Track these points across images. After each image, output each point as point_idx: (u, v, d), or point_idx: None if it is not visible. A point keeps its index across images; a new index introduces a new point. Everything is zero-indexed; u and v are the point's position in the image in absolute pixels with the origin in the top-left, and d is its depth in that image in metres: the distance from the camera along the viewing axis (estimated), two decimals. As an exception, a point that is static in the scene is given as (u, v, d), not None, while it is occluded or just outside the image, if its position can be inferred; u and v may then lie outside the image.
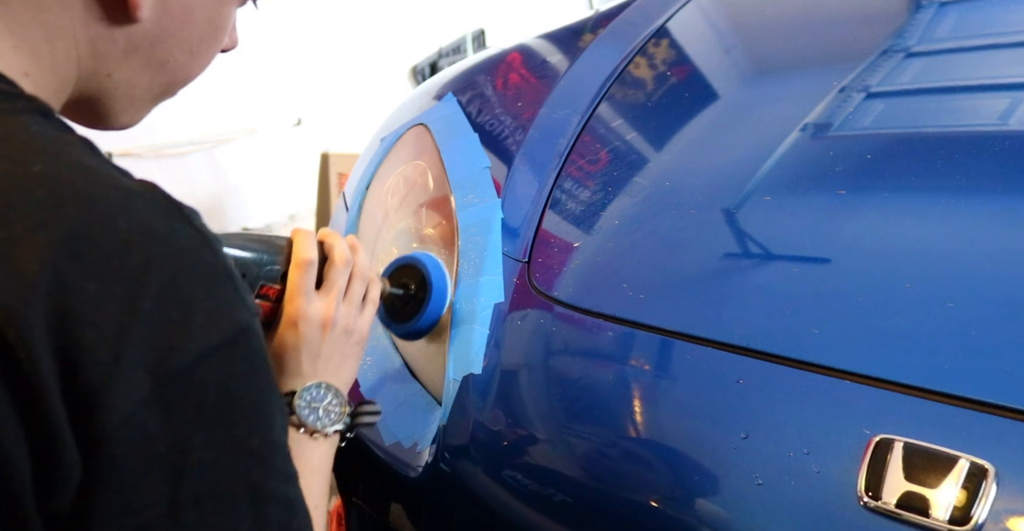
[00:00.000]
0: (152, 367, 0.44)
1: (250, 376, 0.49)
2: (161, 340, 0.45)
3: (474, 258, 0.93)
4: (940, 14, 1.10)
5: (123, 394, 0.43)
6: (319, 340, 0.75)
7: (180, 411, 0.45)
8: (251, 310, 0.49)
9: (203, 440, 0.46)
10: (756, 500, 0.63)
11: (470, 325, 0.88)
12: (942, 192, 0.79)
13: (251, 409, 0.49)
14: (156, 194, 0.50)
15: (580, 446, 0.77)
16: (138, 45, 0.56)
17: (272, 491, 0.49)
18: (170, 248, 0.47)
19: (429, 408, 0.89)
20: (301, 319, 0.74)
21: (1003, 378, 0.61)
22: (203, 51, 0.61)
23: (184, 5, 0.57)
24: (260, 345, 0.50)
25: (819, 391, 0.65)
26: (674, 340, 0.75)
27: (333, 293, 0.76)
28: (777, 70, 1.15)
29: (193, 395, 0.46)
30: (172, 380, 0.45)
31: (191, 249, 0.48)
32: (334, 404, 0.74)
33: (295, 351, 0.74)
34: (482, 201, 0.98)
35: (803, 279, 0.76)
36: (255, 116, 3.61)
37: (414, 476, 0.87)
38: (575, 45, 1.23)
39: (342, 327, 0.77)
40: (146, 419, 0.44)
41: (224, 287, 0.49)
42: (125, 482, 0.44)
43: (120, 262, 0.45)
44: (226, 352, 0.47)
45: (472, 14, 4.20)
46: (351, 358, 0.78)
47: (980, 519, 0.54)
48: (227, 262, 0.50)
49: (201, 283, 0.47)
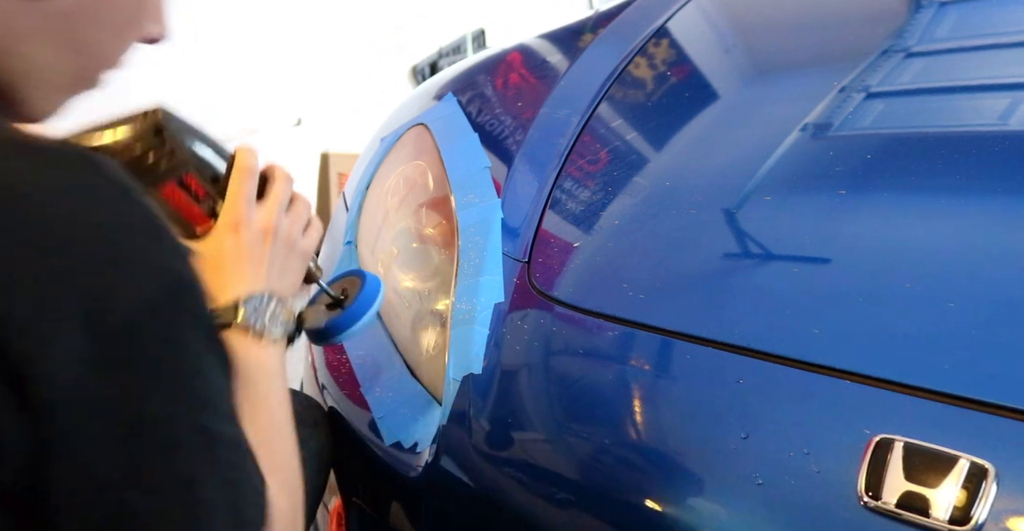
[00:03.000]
0: (87, 326, 0.43)
1: (189, 323, 0.48)
2: (91, 297, 0.43)
3: (474, 258, 0.93)
4: (940, 14, 1.10)
5: (60, 357, 0.42)
6: (260, 246, 0.73)
7: (126, 367, 0.44)
8: (183, 256, 0.48)
9: (152, 393, 0.45)
10: (756, 500, 0.63)
11: (470, 325, 0.88)
12: (942, 192, 0.79)
13: (193, 355, 0.48)
14: (66, 148, 0.48)
15: (580, 446, 0.77)
16: (53, 26, 0.53)
17: (220, 433, 0.49)
18: (82, 202, 0.45)
19: (429, 408, 0.89)
20: (242, 224, 0.72)
21: (1003, 378, 0.61)
22: (128, 31, 0.58)
23: None
24: (197, 291, 0.49)
25: (819, 391, 0.65)
26: (674, 340, 0.75)
27: (274, 204, 0.75)
28: (777, 70, 1.15)
29: (136, 349, 0.45)
30: (111, 336, 0.44)
31: (108, 201, 0.47)
32: (278, 311, 0.72)
33: (236, 256, 0.72)
34: (482, 201, 0.98)
35: (803, 279, 0.76)
36: (255, 116, 3.61)
37: (414, 476, 0.87)
38: (575, 45, 1.23)
39: (283, 237, 0.75)
40: (90, 379, 0.43)
41: (150, 237, 0.47)
42: (79, 445, 0.44)
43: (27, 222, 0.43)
44: (161, 302, 0.46)
45: (472, 14, 4.20)
46: (293, 271, 0.77)
47: (980, 519, 0.54)
48: (150, 210, 0.48)
49: (126, 235, 0.46)
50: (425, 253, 1.00)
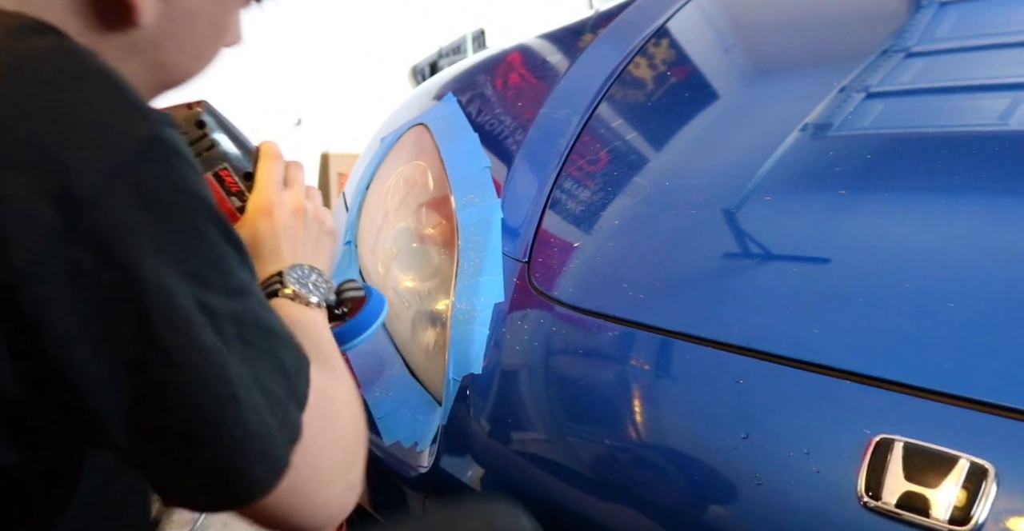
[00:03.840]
0: (52, 196, 0.41)
1: (173, 192, 0.46)
2: (48, 164, 0.41)
3: (474, 258, 0.93)
4: (940, 14, 1.10)
5: (30, 229, 0.41)
6: (294, 225, 0.76)
7: (109, 237, 0.43)
8: (153, 120, 0.46)
9: (145, 262, 0.44)
10: (756, 500, 0.63)
11: (470, 325, 0.88)
12: (942, 192, 0.79)
13: (181, 224, 0.46)
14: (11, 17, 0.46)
15: (580, 446, 0.77)
16: (137, 47, 0.55)
17: (218, 308, 0.47)
18: (24, 59, 0.43)
19: (429, 408, 0.89)
20: (275, 207, 0.75)
21: (1003, 378, 0.61)
22: (205, 52, 0.60)
23: (187, 9, 0.56)
24: (178, 158, 0.47)
25: (819, 391, 0.65)
26: (674, 340, 0.75)
27: (298, 186, 0.78)
28: (777, 70, 1.15)
29: (115, 218, 0.43)
30: (83, 206, 0.42)
31: (53, 57, 0.44)
32: (320, 281, 0.74)
33: (273, 236, 0.74)
34: (482, 201, 0.98)
35: (803, 279, 0.75)
36: (255, 116, 3.61)
37: (414, 476, 0.87)
38: (575, 45, 1.23)
39: (313, 215, 0.78)
40: (75, 254, 0.42)
41: (109, 97, 0.45)
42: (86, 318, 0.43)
43: None
44: (133, 167, 0.44)
45: (472, 14, 4.20)
46: (324, 246, 0.79)
47: (980, 519, 0.54)
48: (106, 67, 0.46)
49: (75, 95, 0.44)
50: (425, 253, 1.00)
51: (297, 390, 0.52)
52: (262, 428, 0.48)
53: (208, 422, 0.46)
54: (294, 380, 0.52)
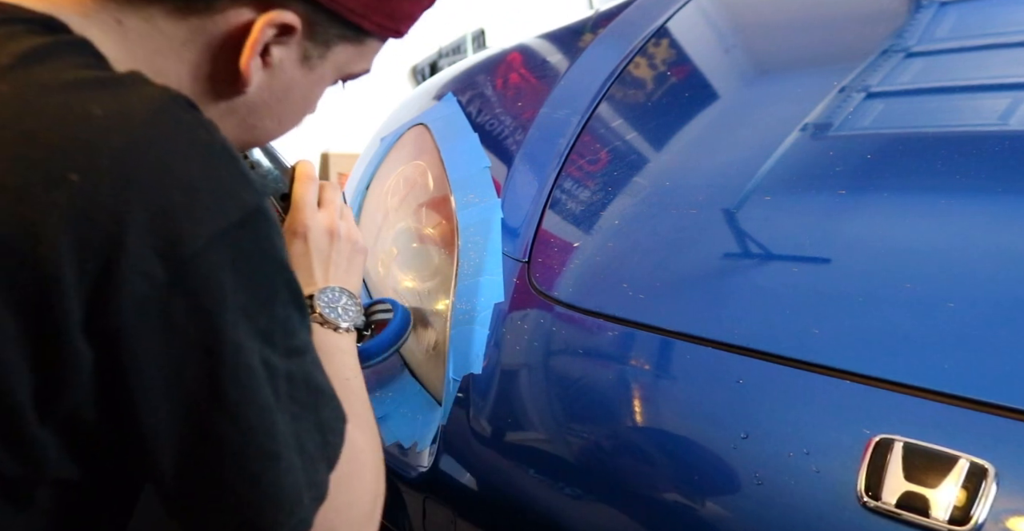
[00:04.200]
0: (163, 252, 0.44)
1: (261, 258, 0.49)
2: (166, 224, 0.45)
3: (474, 258, 0.93)
4: (940, 14, 1.10)
5: (135, 281, 0.44)
6: (328, 247, 0.79)
7: (204, 293, 0.46)
8: (257, 191, 0.50)
9: (228, 319, 0.47)
10: (756, 500, 0.63)
11: (470, 325, 0.88)
12: (942, 192, 0.79)
13: (263, 287, 0.49)
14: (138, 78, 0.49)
15: (580, 446, 0.77)
16: (236, 110, 0.60)
17: (277, 367, 0.50)
18: (157, 129, 0.46)
19: (429, 408, 0.89)
20: (310, 229, 0.78)
21: (1003, 378, 0.61)
22: (289, 120, 0.65)
23: (286, 83, 0.60)
24: (270, 226, 0.50)
25: (819, 391, 0.65)
26: (674, 340, 0.75)
27: (332, 207, 0.81)
28: (777, 70, 1.15)
29: (213, 277, 0.46)
30: (188, 263, 0.45)
31: (183, 129, 0.48)
32: (350, 304, 0.77)
33: (306, 258, 0.77)
34: (482, 201, 0.98)
35: (803, 279, 0.75)
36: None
37: (414, 476, 0.87)
38: (575, 45, 1.23)
39: (345, 236, 0.81)
40: (171, 305, 0.45)
41: (226, 168, 0.49)
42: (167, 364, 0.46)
43: (100, 148, 0.44)
44: (235, 233, 0.47)
45: (472, 14, 4.20)
46: (356, 265, 0.82)
47: (980, 519, 0.54)
48: (227, 142, 0.50)
49: (199, 164, 0.47)
50: (425, 253, 1.00)
51: (329, 450, 0.55)
52: (294, 487, 0.51)
53: (249, 475, 0.49)
54: (329, 439, 0.55)
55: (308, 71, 0.61)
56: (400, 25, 0.63)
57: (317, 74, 0.62)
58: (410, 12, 0.63)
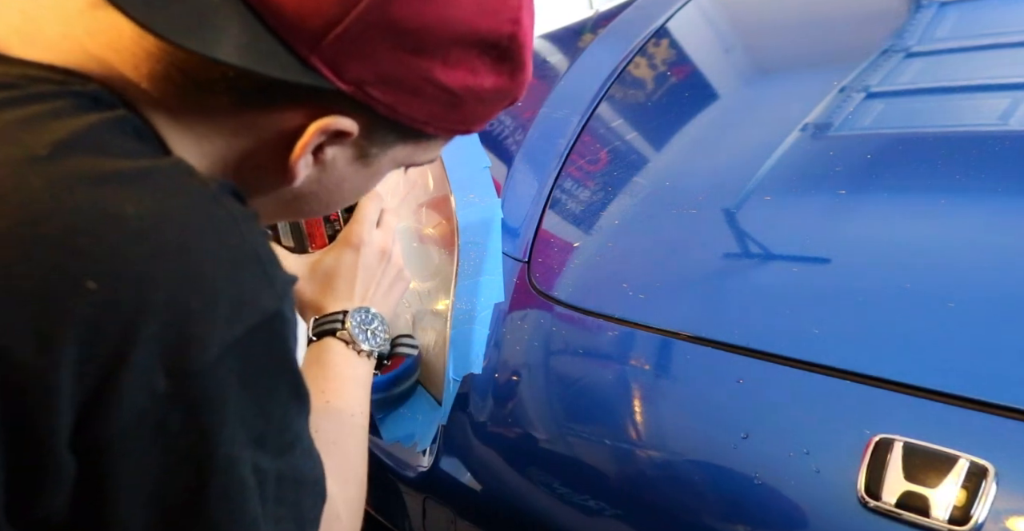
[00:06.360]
0: (170, 366, 0.42)
1: (268, 362, 0.47)
2: (178, 334, 0.42)
3: (474, 258, 0.93)
4: (940, 14, 1.10)
5: (136, 395, 0.42)
6: (376, 267, 0.79)
7: (204, 406, 0.44)
8: (279, 294, 0.47)
9: (225, 433, 0.45)
10: (756, 500, 0.63)
11: (470, 325, 0.88)
12: (942, 192, 0.79)
13: (265, 391, 0.48)
14: (178, 170, 0.47)
15: (580, 446, 0.77)
16: (282, 197, 0.57)
17: (267, 469, 0.49)
18: (188, 233, 0.44)
19: (429, 408, 0.89)
20: (365, 243, 0.78)
21: (1003, 378, 0.61)
22: (337, 206, 0.63)
23: (338, 178, 0.57)
24: (286, 328, 0.48)
25: (819, 391, 0.65)
26: (674, 340, 0.75)
27: (390, 231, 0.81)
28: (777, 70, 1.15)
29: (216, 389, 0.44)
30: (194, 376, 0.43)
31: (214, 230, 0.45)
32: (380, 329, 0.77)
33: (353, 270, 0.77)
34: (482, 201, 0.98)
35: (803, 279, 0.76)
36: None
37: (414, 476, 0.87)
38: (575, 45, 1.23)
39: (395, 261, 0.81)
40: (168, 418, 0.43)
41: (251, 272, 0.46)
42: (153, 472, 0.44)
43: (126, 255, 0.42)
44: (248, 341, 0.45)
45: (472, 14, 4.19)
46: (396, 292, 0.82)
47: (980, 519, 0.54)
48: (256, 242, 0.47)
49: (225, 270, 0.45)
50: (425, 253, 1.00)
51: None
52: None
53: None
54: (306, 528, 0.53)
55: (363, 167, 0.57)
56: (472, 127, 0.58)
57: (373, 169, 0.58)
58: (485, 115, 0.57)
